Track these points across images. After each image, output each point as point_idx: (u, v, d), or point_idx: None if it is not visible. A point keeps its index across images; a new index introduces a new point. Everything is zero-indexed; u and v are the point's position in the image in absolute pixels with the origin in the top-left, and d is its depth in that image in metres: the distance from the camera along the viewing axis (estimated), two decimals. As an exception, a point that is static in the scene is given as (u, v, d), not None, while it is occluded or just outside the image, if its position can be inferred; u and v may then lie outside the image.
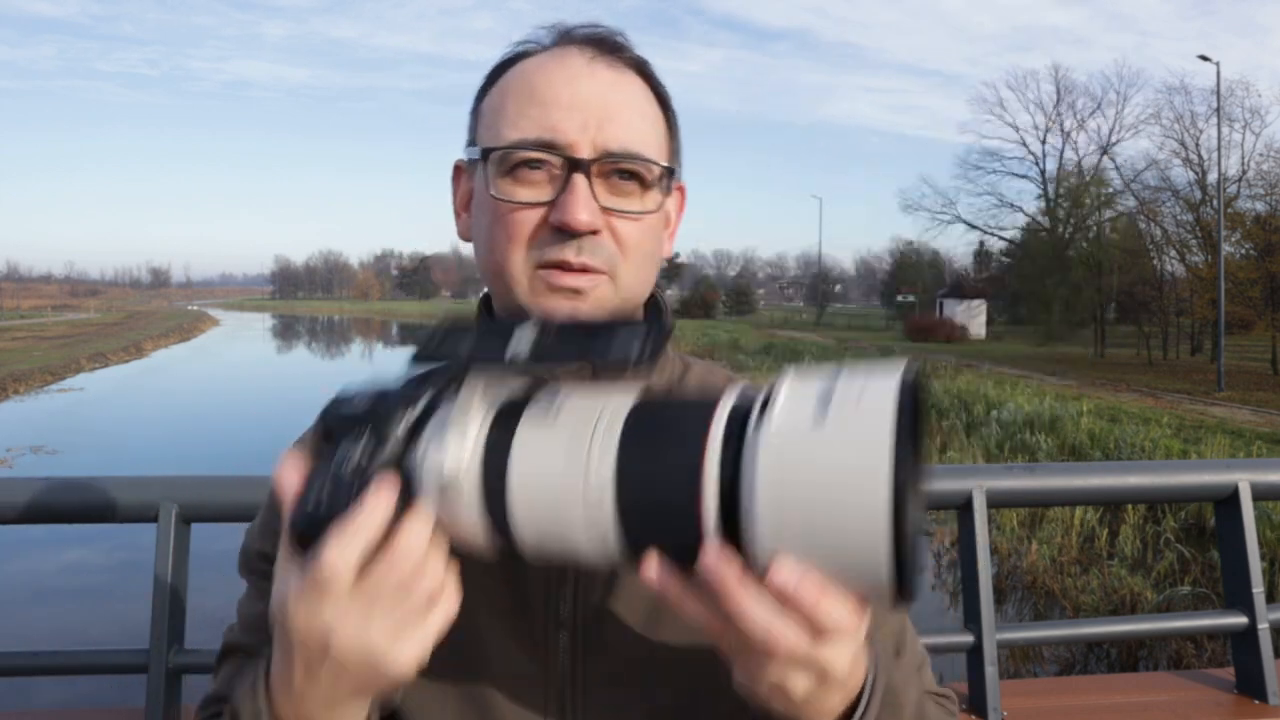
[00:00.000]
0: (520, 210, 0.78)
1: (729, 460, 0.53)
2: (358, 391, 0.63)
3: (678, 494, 0.53)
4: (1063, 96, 44.84)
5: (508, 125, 0.78)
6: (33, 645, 2.11)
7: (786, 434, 0.51)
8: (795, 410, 0.52)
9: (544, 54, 0.82)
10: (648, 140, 0.80)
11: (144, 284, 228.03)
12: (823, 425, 0.51)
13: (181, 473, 2.07)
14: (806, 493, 0.50)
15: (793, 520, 0.51)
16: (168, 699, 1.89)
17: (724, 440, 0.53)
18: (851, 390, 0.52)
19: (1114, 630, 2.37)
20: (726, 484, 0.52)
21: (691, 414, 0.55)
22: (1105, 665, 7.18)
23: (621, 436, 0.56)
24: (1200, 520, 10.16)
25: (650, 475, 0.54)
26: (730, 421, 0.54)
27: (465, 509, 0.58)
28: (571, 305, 0.78)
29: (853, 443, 0.50)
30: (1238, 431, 16.43)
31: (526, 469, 0.56)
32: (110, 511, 1.91)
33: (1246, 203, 33.69)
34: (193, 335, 59.45)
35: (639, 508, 0.54)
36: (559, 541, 0.57)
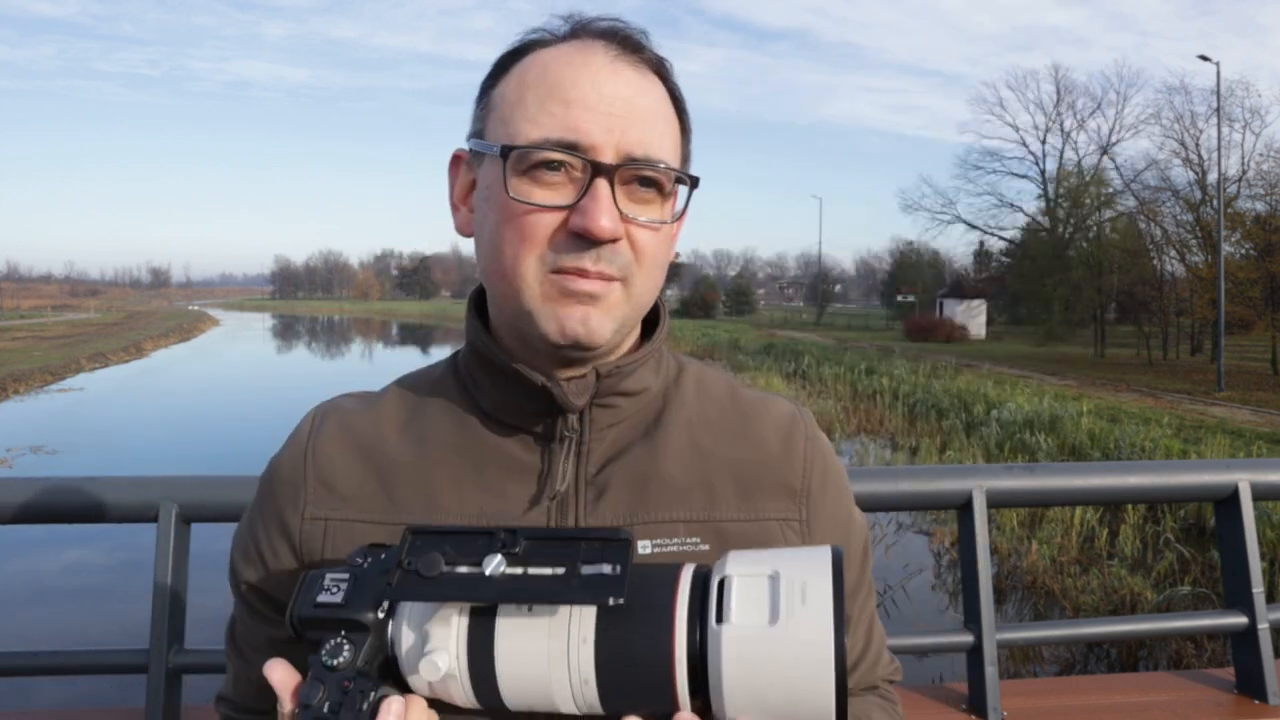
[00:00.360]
0: (536, 212, 0.74)
1: (695, 647, 0.62)
2: (329, 585, 0.67)
3: (654, 677, 0.62)
4: (1063, 96, 44.85)
5: (527, 121, 0.75)
6: (33, 645, 2.11)
7: (745, 631, 0.61)
8: (749, 607, 0.62)
9: (563, 45, 0.78)
10: (666, 146, 0.78)
11: (144, 284, 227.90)
12: (775, 623, 0.61)
13: (181, 473, 2.07)
14: (766, 681, 0.61)
15: (754, 699, 0.61)
16: (168, 699, 1.89)
17: (688, 630, 0.62)
18: (794, 586, 0.62)
19: (1114, 630, 2.37)
20: (695, 666, 0.62)
21: (655, 604, 0.63)
22: (1105, 665, 7.17)
23: (597, 627, 0.63)
24: (1200, 520, 10.16)
25: (628, 666, 0.63)
26: (691, 611, 0.63)
27: (453, 690, 0.65)
28: (584, 311, 0.75)
29: (804, 641, 0.60)
30: (1238, 431, 16.42)
31: (511, 660, 0.63)
32: (110, 511, 1.91)
33: (1246, 203, 33.69)
34: (193, 335, 59.44)
35: (621, 689, 0.63)
36: (546, 705, 0.65)
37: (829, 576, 0.62)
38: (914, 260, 70.03)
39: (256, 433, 17.84)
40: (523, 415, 0.82)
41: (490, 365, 0.82)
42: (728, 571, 0.64)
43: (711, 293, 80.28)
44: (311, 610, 0.66)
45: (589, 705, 0.64)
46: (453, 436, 0.83)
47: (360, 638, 0.65)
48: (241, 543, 0.87)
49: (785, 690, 0.61)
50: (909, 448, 16.39)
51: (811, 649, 0.60)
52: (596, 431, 0.83)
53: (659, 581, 0.65)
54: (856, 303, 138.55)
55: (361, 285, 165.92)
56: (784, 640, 0.60)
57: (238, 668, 0.88)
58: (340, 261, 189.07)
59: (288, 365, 40.16)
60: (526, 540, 0.64)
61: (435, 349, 49.71)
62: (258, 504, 0.86)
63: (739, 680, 0.61)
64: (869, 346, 38.96)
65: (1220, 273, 26.54)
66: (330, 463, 0.83)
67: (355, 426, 0.85)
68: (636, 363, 0.83)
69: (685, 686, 0.62)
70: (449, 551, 0.64)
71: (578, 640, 0.63)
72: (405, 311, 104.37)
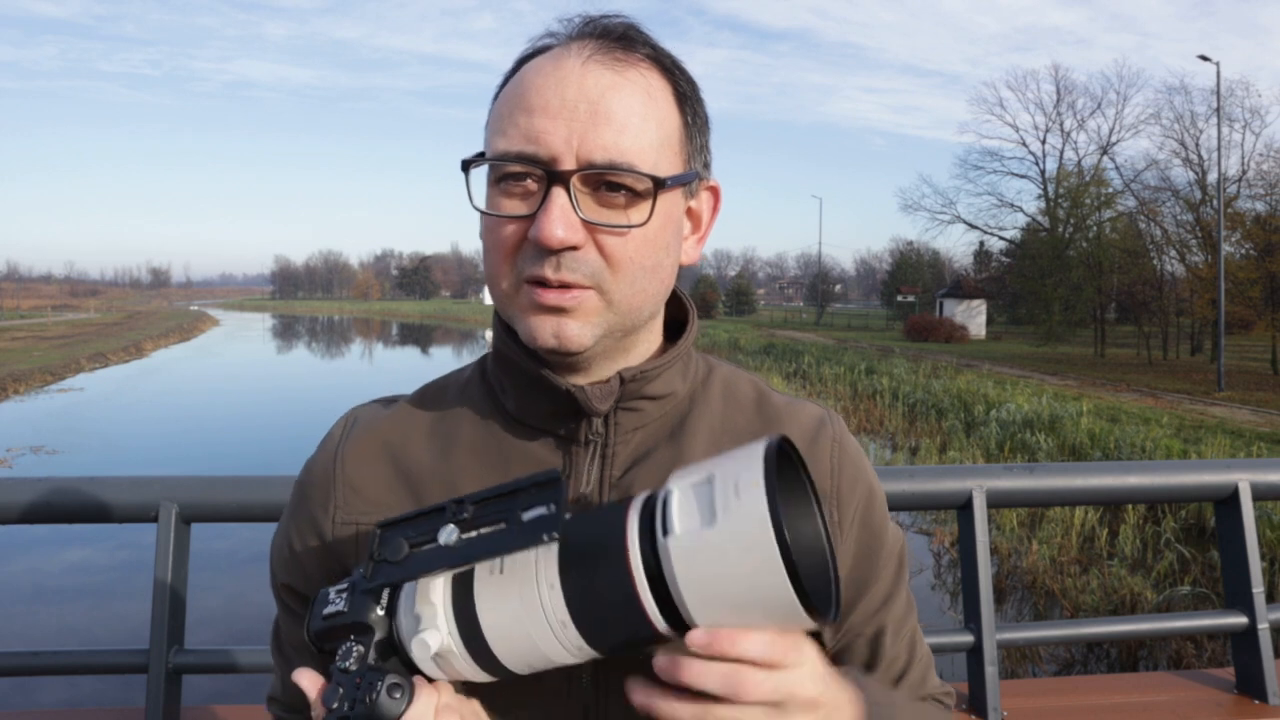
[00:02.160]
0: (505, 223, 0.76)
1: (651, 568, 0.64)
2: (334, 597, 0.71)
3: (625, 608, 0.65)
4: (1063, 96, 44.82)
5: (499, 134, 0.76)
6: (35, 645, 2.11)
7: (687, 538, 0.63)
8: (687, 515, 0.64)
9: (546, 54, 0.78)
10: (642, 146, 0.74)
11: (144, 284, 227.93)
12: (713, 523, 0.62)
13: (181, 473, 2.07)
14: (720, 580, 0.62)
15: (717, 601, 0.63)
16: (168, 699, 1.89)
17: (641, 554, 0.64)
18: (728, 484, 0.63)
19: (1114, 630, 2.37)
20: (657, 586, 0.64)
21: (609, 533, 0.66)
22: (1105, 665, 7.17)
23: (560, 570, 0.66)
24: (1200, 520, 10.16)
25: (596, 598, 0.65)
26: (641, 534, 0.65)
27: (459, 666, 0.68)
28: (555, 323, 0.75)
29: (741, 532, 0.61)
30: (1238, 431, 16.42)
31: (495, 622, 0.67)
32: (110, 511, 1.91)
33: (1246, 203, 33.71)
34: (193, 335, 59.43)
35: (598, 625, 0.66)
36: (544, 661, 0.68)
37: (760, 465, 0.63)
38: (914, 260, 70.07)
39: (256, 433, 17.84)
40: (547, 418, 0.83)
41: (515, 369, 0.82)
42: (669, 487, 0.66)
43: (711, 293, 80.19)
44: (321, 623, 0.70)
45: (578, 648, 0.66)
46: (477, 440, 0.84)
47: (367, 638, 0.69)
48: (277, 546, 0.89)
49: (741, 583, 0.62)
50: (909, 448, 16.40)
51: (750, 536, 0.61)
52: (621, 435, 0.83)
53: (612, 515, 0.68)
54: (856, 303, 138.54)
55: (361, 285, 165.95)
56: (724, 536, 0.61)
57: (283, 669, 0.90)
58: (340, 261, 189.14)
59: (288, 365, 40.16)
60: (474, 505, 0.68)
61: (435, 349, 49.70)
62: (292, 508, 0.88)
63: (695, 586, 0.62)
64: (869, 346, 38.96)
65: (1220, 273, 26.53)
66: (358, 468, 0.85)
67: (382, 431, 0.87)
68: (661, 367, 0.83)
69: (654, 606, 0.64)
70: (411, 535, 0.68)
71: (546, 588, 0.65)
72: (405, 311, 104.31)
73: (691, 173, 0.81)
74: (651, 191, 0.75)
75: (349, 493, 0.84)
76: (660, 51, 0.80)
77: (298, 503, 0.88)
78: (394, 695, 0.66)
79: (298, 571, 0.86)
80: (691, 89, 0.81)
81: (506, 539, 0.65)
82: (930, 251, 71.86)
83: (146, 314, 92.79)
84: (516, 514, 0.66)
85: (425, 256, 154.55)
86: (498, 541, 0.65)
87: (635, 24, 0.80)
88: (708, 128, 0.84)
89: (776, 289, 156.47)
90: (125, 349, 41.96)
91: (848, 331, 55.90)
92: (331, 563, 0.84)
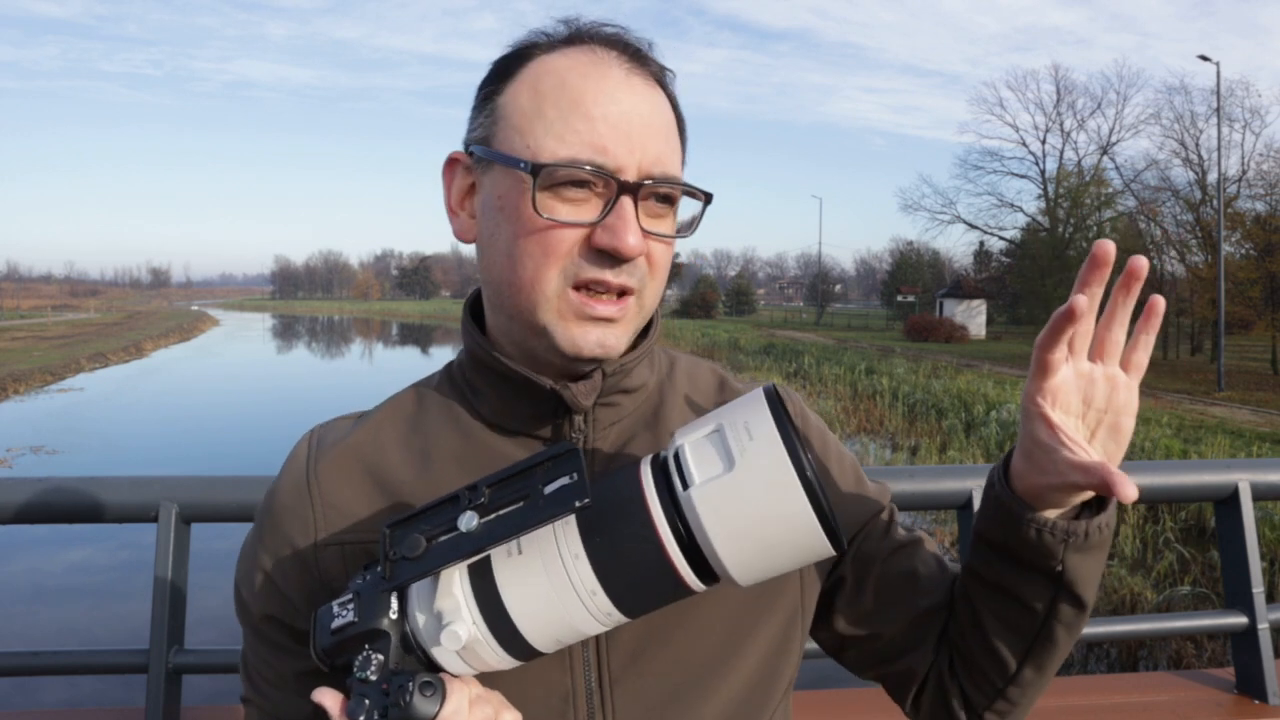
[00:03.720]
0: (560, 229, 0.75)
1: (676, 522, 0.65)
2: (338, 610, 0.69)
3: (653, 566, 0.65)
4: (1063, 96, 44.87)
5: (551, 136, 0.74)
6: (35, 645, 2.10)
7: (711, 485, 0.64)
8: (705, 464, 0.65)
9: (572, 53, 0.77)
10: (677, 160, 0.80)
11: (144, 284, 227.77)
12: (733, 467, 0.64)
13: (181, 473, 2.07)
14: (748, 520, 0.64)
15: (747, 542, 0.64)
16: (168, 699, 1.89)
17: (663, 509, 0.65)
18: (739, 429, 0.65)
19: (1114, 630, 2.36)
20: (684, 540, 0.65)
21: (627, 496, 0.66)
22: (1105, 665, 7.18)
23: (583, 539, 0.66)
24: (1200, 520, 10.16)
25: (624, 561, 0.65)
26: (658, 488, 0.66)
27: (485, 655, 0.67)
28: (600, 333, 0.77)
29: (763, 468, 0.63)
30: (1238, 431, 16.42)
31: (522, 603, 0.66)
32: (110, 511, 1.90)
33: (1246, 203, 33.72)
34: (193, 335, 59.42)
35: (628, 587, 0.66)
36: (573, 634, 0.68)
37: (766, 408, 0.65)
38: (914, 260, 70.02)
39: (256, 433, 17.86)
40: (526, 420, 0.82)
41: (492, 372, 0.82)
42: (678, 442, 0.68)
43: (711, 293, 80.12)
44: (330, 638, 0.68)
45: (608, 615, 0.67)
46: (456, 447, 0.83)
47: (383, 644, 0.67)
48: (249, 577, 0.83)
49: (769, 520, 0.63)
50: (909, 448, 16.39)
51: (772, 472, 0.63)
52: (600, 430, 0.84)
53: (624, 478, 0.68)
54: (856, 303, 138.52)
55: (361, 285, 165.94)
56: (747, 476, 0.63)
57: (264, 708, 0.84)
58: (340, 261, 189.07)
59: (288, 365, 40.15)
60: (489, 488, 0.67)
61: (435, 349, 49.68)
62: (262, 536, 0.83)
63: (724, 531, 0.63)
64: (869, 346, 38.94)
65: (1220, 273, 26.54)
66: (336, 488, 0.82)
67: (356, 448, 0.84)
68: (635, 359, 0.84)
69: (681, 557, 0.65)
70: (425, 529, 0.67)
71: (571, 559, 0.65)
72: (405, 311, 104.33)
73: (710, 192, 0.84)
74: (700, 204, 0.81)
75: (329, 512, 0.81)
76: (661, 66, 0.81)
77: (269, 529, 0.83)
78: (427, 694, 0.65)
79: (278, 600, 0.81)
80: (677, 101, 0.84)
81: (532, 514, 0.64)
82: (930, 251, 71.88)
83: (146, 314, 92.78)
84: (538, 489, 0.65)
85: (425, 256, 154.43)
86: (523, 518, 0.64)
87: (646, 41, 0.81)
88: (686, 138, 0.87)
89: (776, 289, 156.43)
90: (125, 349, 41.96)
91: (848, 331, 55.88)
92: (315, 587, 0.80)
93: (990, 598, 0.83)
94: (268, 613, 0.82)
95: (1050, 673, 0.84)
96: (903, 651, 0.90)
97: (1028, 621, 0.81)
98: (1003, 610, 0.82)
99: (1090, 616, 0.84)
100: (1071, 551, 0.76)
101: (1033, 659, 0.83)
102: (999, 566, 0.80)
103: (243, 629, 0.86)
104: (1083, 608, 0.80)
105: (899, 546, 0.91)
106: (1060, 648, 0.82)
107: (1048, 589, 0.78)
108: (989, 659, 0.84)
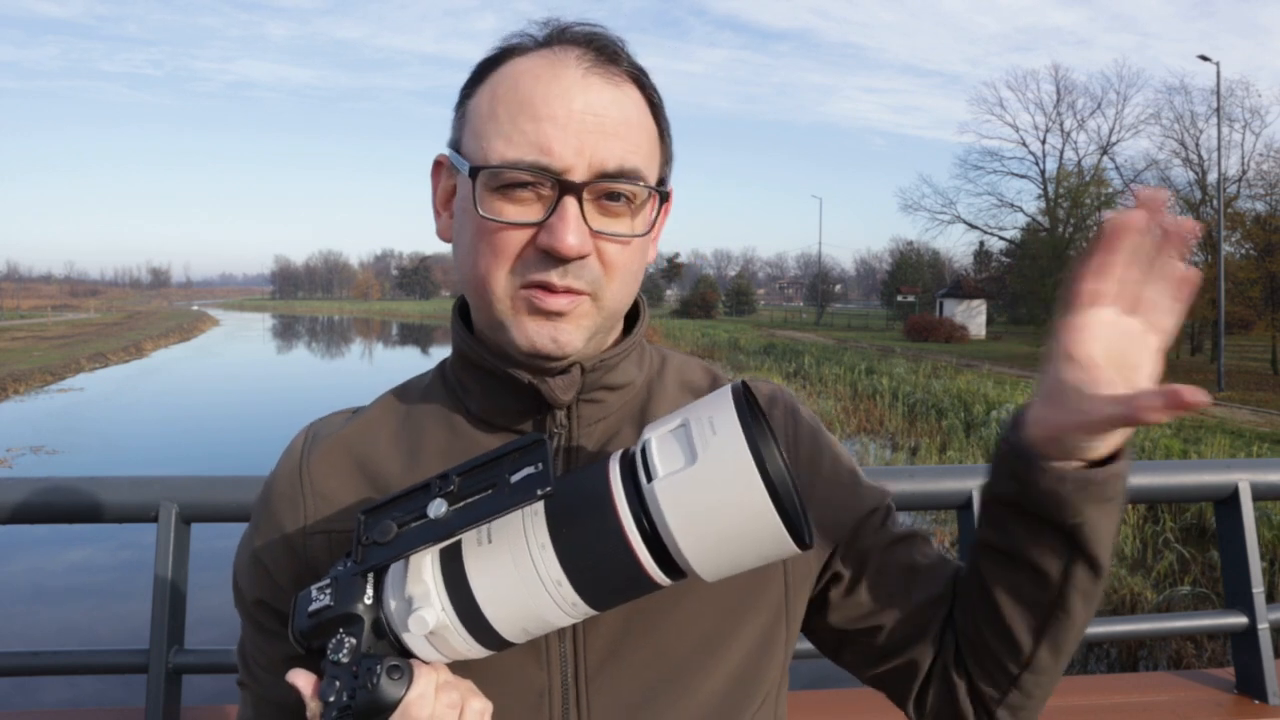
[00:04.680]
0: (507, 229, 0.76)
1: (640, 516, 0.65)
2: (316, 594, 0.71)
3: (617, 557, 0.66)
4: (1063, 96, 44.86)
5: (500, 138, 0.75)
6: (36, 645, 2.11)
7: (673, 479, 0.64)
8: (669, 458, 0.65)
9: (536, 56, 0.78)
10: (640, 158, 0.78)
11: (144, 284, 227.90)
12: (695, 461, 0.64)
13: (181, 473, 2.07)
14: (709, 514, 0.64)
15: (708, 535, 0.64)
16: (168, 699, 1.89)
17: (628, 501, 0.66)
18: (703, 425, 0.66)
19: (1114, 630, 2.37)
20: (648, 534, 0.65)
21: (593, 488, 0.67)
22: (1105, 665, 7.18)
23: (549, 530, 0.67)
24: (1200, 520, 10.16)
25: (589, 552, 0.66)
26: (624, 482, 0.66)
27: (454, 642, 0.68)
28: (552, 327, 0.77)
29: (724, 461, 0.64)
30: (1238, 431, 16.43)
31: (489, 591, 0.67)
32: (110, 511, 1.91)
33: (1246, 203, 33.74)
34: (193, 335, 59.44)
35: (592, 578, 0.67)
36: (540, 625, 0.69)
37: (730, 403, 0.66)
38: (914, 260, 70.00)
39: (256, 433, 17.84)
40: (510, 415, 0.83)
41: (477, 368, 0.83)
42: (645, 437, 0.68)
43: (711, 293, 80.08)
44: (306, 621, 0.70)
45: (574, 606, 0.68)
46: (442, 442, 0.84)
47: (357, 627, 0.68)
48: (244, 563, 0.87)
49: (729, 514, 0.64)
50: (909, 448, 16.39)
51: (733, 466, 0.63)
52: (584, 427, 0.84)
53: (593, 472, 0.69)
54: (856, 303, 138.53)
55: (361, 285, 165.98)
56: (708, 470, 0.64)
57: (257, 692, 0.87)
58: (340, 261, 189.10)
59: (288, 365, 40.15)
60: (459, 476, 0.68)
61: (435, 349, 49.67)
62: (257, 522, 0.87)
63: (684, 523, 0.64)
64: (869, 346, 38.94)
65: (1220, 273, 26.54)
66: (326, 478, 0.85)
67: (348, 440, 0.87)
68: (619, 355, 0.84)
69: (645, 550, 0.65)
70: (397, 515, 0.68)
71: (538, 549, 0.66)
72: (405, 311, 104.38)
73: (669, 182, 0.85)
74: (649, 200, 0.78)
75: (318, 501, 0.84)
76: (635, 64, 0.81)
77: (263, 517, 0.86)
78: (394, 677, 0.66)
79: (269, 586, 0.84)
80: (659, 99, 0.83)
81: (498, 501, 0.65)
82: (930, 251, 71.87)
83: (146, 314, 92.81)
84: (504, 478, 0.66)
85: (425, 256, 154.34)
86: (489, 505, 0.65)
87: (615, 38, 0.81)
88: (670, 137, 0.86)
89: (776, 289, 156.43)
90: (125, 349, 41.97)
91: (848, 331, 55.87)
92: (304, 573, 0.82)
93: (1001, 568, 0.79)
94: (258, 597, 0.85)
95: (1065, 656, 0.81)
96: (904, 645, 0.88)
97: (1042, 591, 0.77)
98: (1015, 581, 0.79)
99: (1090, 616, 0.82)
100: (1089, 502, 0.72)
101: (1048, 637, 0.79)
102: (1012, 528, 0.77)
103: (239, 615, 0.88)
104: (1099, 573, 0.76)
105: (897, 540, 0.90)
106: (1076, 623, 0.79)
107: (1063, 549, 0.75)
108: (1001, 640, 0.81)
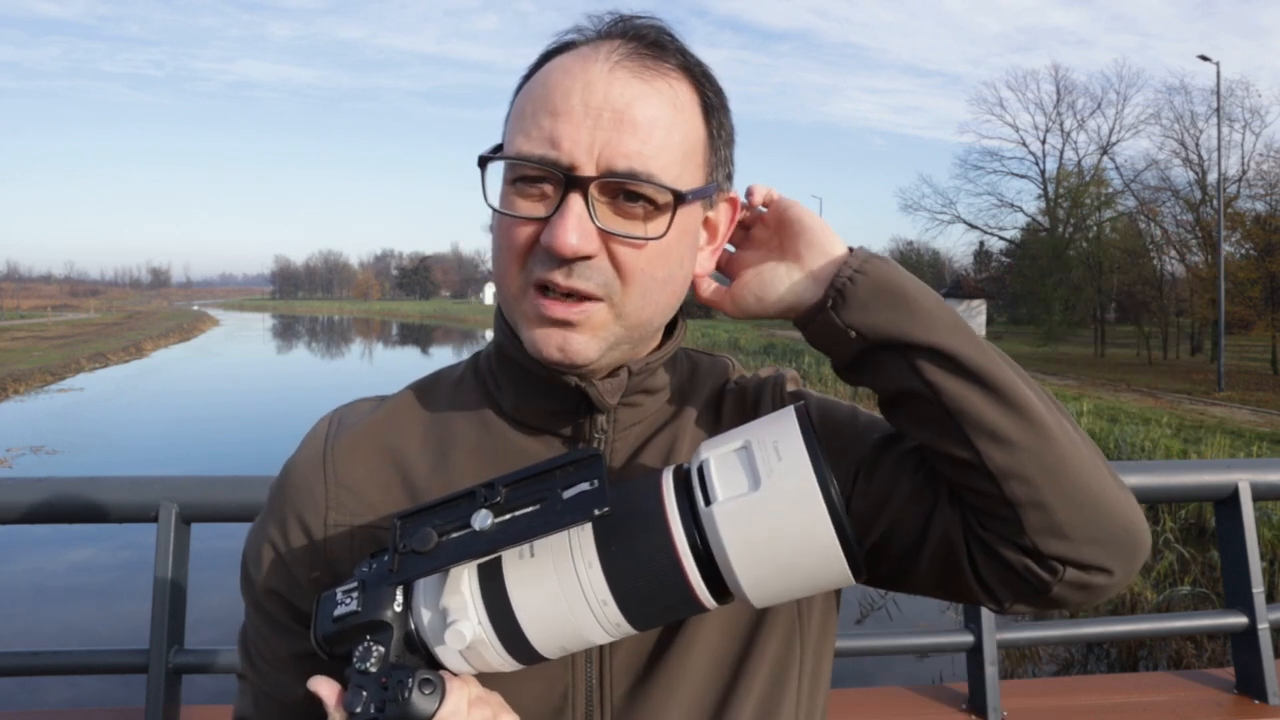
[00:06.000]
0: (519, 224, 0.74)
1: (694, 537, 0.64)
2: (342, 598, 0.68)
3: (668, 580, 0.64)
4: (1063, 96, 44.75)
5: (521, 134, 0.73)
6: (36, 645, 2.11)
7: (734, 503, 0.63)
8: (730, 481, 0.64)
9: (575, 52, 0.76)
10: (666, 158, 0.73)
11: (144, 284, 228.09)
12: (759, 486, 0.62)
13: (181, 473, 2.07)
14: (769, 541, 0.62)
15: (765, 563, 0.63)
16: (168, 698, 1.89)
17: (682, 522, 0.64)
18: (767, 448, 0.64)
19: (1114, 630, 2.37)
20: (701, 556, 0.64)
21: (646, 507, 0.65)
22: (1105, 665, 7.18)
23: (598, 548, 0.64)
24: (1200, 520, 10.16)
25: (638, 573, 0.64)
26: (679, 500, 0.65)
27: (488, 656, 0.66)
28: (561, 336, 0.74)
29: (789, 491, 0.62)
30: (1238, 431, 16.42)
31: (530, 607, 0.65)
32: (110, 512, 1.91)
33: (1246, 203, 33.71)
34: (193, 335, 59.45)
35: (640, 600, 0.65)
36: (579, 643, 0.67)
37: (796, 428, 0.64)
38: (914, 260, 69.90)
39: (256, 433, 17.85)
40: (548, 417, 0.81)
41: (517, 366, 0.81)
42: (703, 456, 0.66)
43: (711, 293, 79.90)
44: (331, 626, 0.67)
45: (616, 626, 0.66)
46: (474, 440, 0.82)
47: (385, 636, 0.66)
48: (257, 550, 0.82)
49: (790, 543, 0.62)
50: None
51: (799, 495, 0.62)
52: (620, 430, 0.82)
53: (644, 488, 0.67)
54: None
55: (361, 285, 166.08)
56: (771, 497, 0.62)
57: (258, 686, 0.83)
58: (340, 261, 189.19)
59: (288, 365, 40.14)
60: (505, 488, 0.66)
61: (435, 349, 49.67)
62: (273, 509, 0.83)
63: (744, 551, 0.62)
64: (869, 346, 38.81)
65: (1220, 273, 26.54)
66: (351, 469, 0.81)
67: (376, 432, 0.83)
68: (661, 359, 0.83)
69: (697, 573, 0.64)
70: (438, 523, 0.65)
71: (584, 566, 0.64)
72: (405, 311, 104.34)
73: (711, 185, 0.80)
74: (671, 204, 0.74)
75: (342, 493, 0.80)
76: (691, 60, 0.78)
77: (280, 504, 0.82)
78: (426, 691, 0.64)
79: (283, 576, 0.80)
80: (719, 100, 0.80)
81: (548, 519, 0.62)
82: (930, 251, 71.80)
83: (146, 314, 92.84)
84: (556, 492, 0.64)
85: (425, 256, 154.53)
86: (539, 522, 0.63)
87: (668, 29, 0.78)
88: (732, 140, 0.83)
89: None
90: (125, 349, 41.98)
91: (848, 331, 55.66)
92: (321, 567, 0.79)
93: (895, 416, 0.79)
94: (271, 587, 0.81)
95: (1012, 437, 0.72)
96: (924, 523, 0.79)
97: (927, 408, 0.74)
98: (913, 418, 0.76)
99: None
100: (846, 311, 0.75)
101: (972, 433, 0.72)
102: (863, 378, 0.78)
103: (245, 604, 0.85)
104: (940, 357, 0.73)
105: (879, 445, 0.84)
106: (975, 406, 0.72)
107: (894, 361, 0.75)
108: (956, 470, 0.74)
